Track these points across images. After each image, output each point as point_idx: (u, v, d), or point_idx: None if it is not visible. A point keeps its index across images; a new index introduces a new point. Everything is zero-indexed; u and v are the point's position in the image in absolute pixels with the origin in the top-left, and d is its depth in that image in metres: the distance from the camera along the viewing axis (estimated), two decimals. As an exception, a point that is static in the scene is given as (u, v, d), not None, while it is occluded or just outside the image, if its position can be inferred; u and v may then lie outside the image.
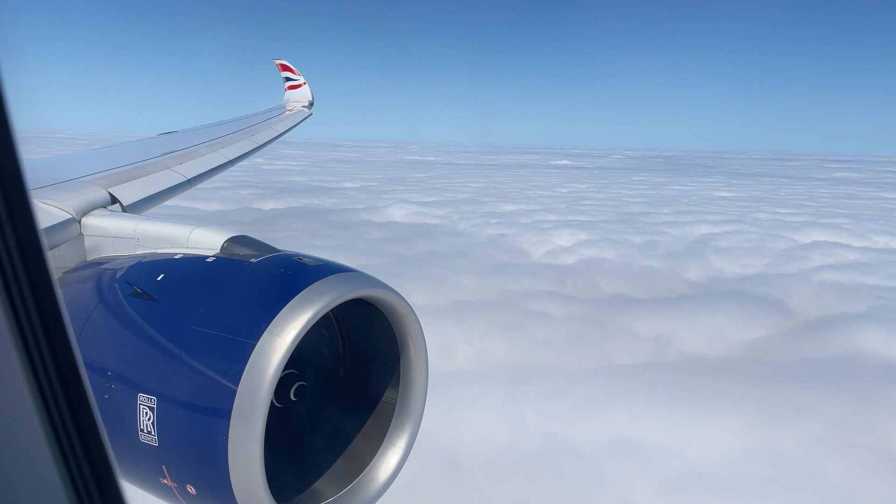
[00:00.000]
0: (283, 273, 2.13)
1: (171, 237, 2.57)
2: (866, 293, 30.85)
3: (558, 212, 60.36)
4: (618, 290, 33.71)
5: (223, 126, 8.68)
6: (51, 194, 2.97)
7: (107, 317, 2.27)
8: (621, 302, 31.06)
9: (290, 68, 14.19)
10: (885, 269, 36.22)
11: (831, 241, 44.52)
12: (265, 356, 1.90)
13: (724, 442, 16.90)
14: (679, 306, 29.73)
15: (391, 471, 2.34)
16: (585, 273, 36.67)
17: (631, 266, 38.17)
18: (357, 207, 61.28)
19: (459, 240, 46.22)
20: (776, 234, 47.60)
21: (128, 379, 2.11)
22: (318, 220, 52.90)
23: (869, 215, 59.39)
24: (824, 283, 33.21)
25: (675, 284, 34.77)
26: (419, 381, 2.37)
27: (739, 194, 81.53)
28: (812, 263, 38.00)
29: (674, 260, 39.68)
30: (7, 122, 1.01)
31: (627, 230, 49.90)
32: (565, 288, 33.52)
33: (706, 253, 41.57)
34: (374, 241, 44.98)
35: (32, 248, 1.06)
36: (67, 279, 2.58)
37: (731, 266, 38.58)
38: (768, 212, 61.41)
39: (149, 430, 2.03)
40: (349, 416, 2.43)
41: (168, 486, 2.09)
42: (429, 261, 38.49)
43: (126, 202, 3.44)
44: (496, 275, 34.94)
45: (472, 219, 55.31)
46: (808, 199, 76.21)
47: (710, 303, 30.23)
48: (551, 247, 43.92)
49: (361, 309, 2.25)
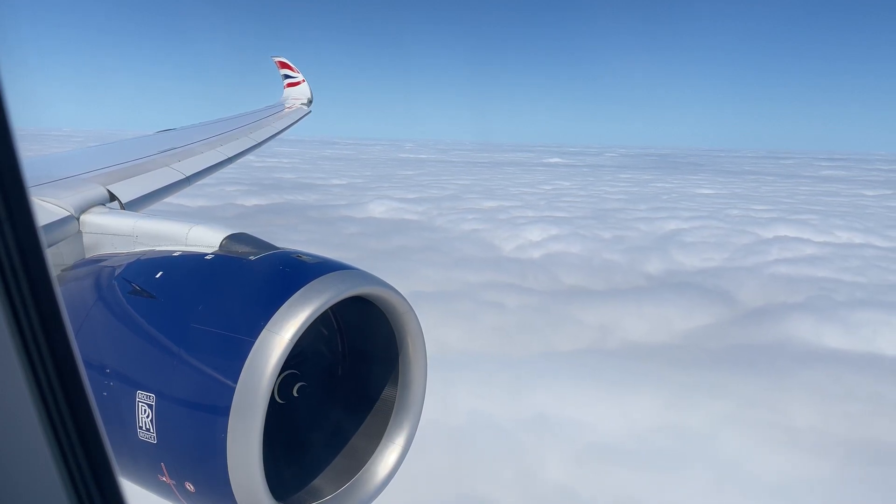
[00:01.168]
0: (282, 270, 2.15)
1: (170, 235, 2.57)
2: (810, 285, 32.12)
3: (536, 208, 61.59)
4: (576, 282, 34.96)
5: (222, 123, 8.70)
6: (49, 192, 2.98)
7: (105, 314, 2.28)
8: (576, 293, 32.33)
9: (288, 66, 14.20)
10: (837, 262, 37.49)
11: (794, 236, 45.74)
12: (264, 354, 1.91)
13: (637, 418, 18.16)
14: (630, 297, 30.99)
15: (390, 468, 2.36)
16: (548, 266, 37.94)
17: (593, 260, 39.44)
18: (339, 204, 62.53)
19: (434, 235, 47.46)
20: (742, 229, 48.83)
21: (126, 376, 2.12)
22: (299, 216, 54.12)
23: (841, 212, 60.61)
24: (774, 275, 34.47)
25: (632, 277, 36.02)
26: (418, 379, 2.40)
27: (721, 191, 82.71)
28: (769, 257, 39.24)
29: (636, 254, 40.93)
30: (6, 120, 1.01)
31: (599, 226, 51.11)
32: (525, 280, 34.78)
33: (670, 247, 42.81)
34: (349, 235, 46.27)
35: (31, 245, 1.06)
36: (66, 277, 2.59)
37: (691, 260, 39.82)
38: (742, 208, 62.63)
39: (147, 427, 2.04)
40: (348, 413, 2.44)
41: (167, 484, 2.10)
42: (399, 254, 39.74)
43: (125, 200, 3.46)
44: (460, 268, 36.19)
45: (450, 215, 56.55)
46: (787, 196, 77.47)
47: (661, 294, 31.51)
48: (521, 241, 45.16)
49: (360, 306, 2.26)
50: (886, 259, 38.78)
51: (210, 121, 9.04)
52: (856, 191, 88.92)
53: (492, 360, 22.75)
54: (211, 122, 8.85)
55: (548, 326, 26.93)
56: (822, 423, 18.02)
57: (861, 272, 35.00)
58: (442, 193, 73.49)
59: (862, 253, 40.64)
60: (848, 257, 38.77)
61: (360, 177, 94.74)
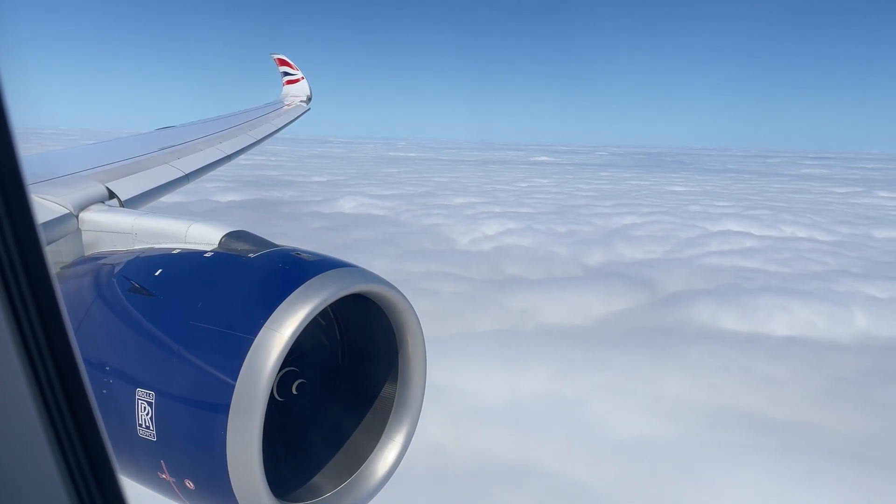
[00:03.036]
0: (282, 268, 2.16)
1: (169, 232, 2.57)
2: (730, 274, 34.05)
3: (504, 204, 63.47)
4: (515, 272, 36.87)
5: (221, 121, 8.71)
6: (48, 189, 2.99)
7: (105, 312, 2.29)
8: (510, 282, 34.26)
9: (288, 63, 14.21)
10: (768, 254, 39.41)
11: (738, 230, 47.65)
12: (263, 351, 1.93)
13: (520, 388, 20.09)
14: (559, 285, 32.91)
15: (389, 465, 2.37)
16: (494, 258, 39.86)
17: (538, 252, 41.36)
18: (313, 200, 64.46)
19: (394, 229, 49.38)
20: (693, 224, 50.73)
21: (126, 374, 2.13)
22: (270, 211, 56.03)
23: (799, 208, 62.44)
24: (702, 266, 36.39)
25: (569, 268, 37.94)
26: (417, 377, 2.41)
27: (693, 189, 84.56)
28: (706, 250, 41.15)
29: (582, 247, 42.84)
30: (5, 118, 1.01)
31: (558, 221, 53.02)
32: (468, 271, 36.69)
33: (616, 241, 44.71)
34: (313, 229, 48.18)
35: (30, 243, 1.06)
36: (65, 274, 2.60)
37: (633, 252, 41.72)
38: (704, 204, 64.49)
39: (147, 425, 2.05)
40: (347, 411, 2.45)
41: (166, 481, 2.11)
42: (354, 247, 41.65)
43: (124, 197, 3.47)
44: (408, 259, 38.15)
45: (417, 210, 58.47)
46: (755, 194, 79.22)
47: (589, 282, 33.44)
48: (476, 235, 47.09)
49: (360, 304, 2.27)
50: (818, 252, 40.70)
51: (209, 118, 9.08)
52: (827, 188, 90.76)
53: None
54: (210, 120, 8.84)
55: (473, 311, 28.83)
56: (686, 393, 19.93)
57: (786, 263, 36.92)
58: (417, 190, 75.36)
59: (797, 246, 42.55)
60: (781, 250, 40.69)
61: (343, 174, 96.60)
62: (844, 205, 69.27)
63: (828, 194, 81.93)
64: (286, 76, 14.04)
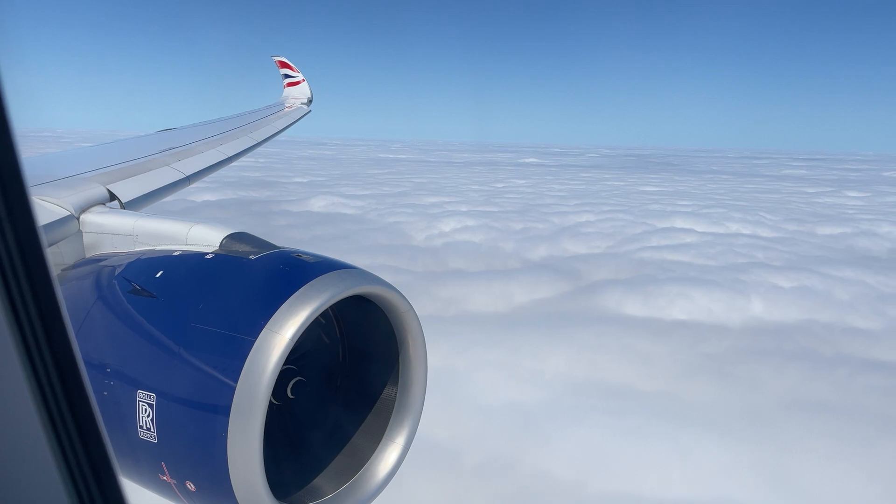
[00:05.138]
0: (282, 270, 2.18)
1: (170, 234, 2.59)
2: (653, 266, 36.16)
3: (472, 203, 65.54)
4: (457, 265, 39.00)
5: (222, 123, 8.72)
6: (50, 191, 3.01)
7: (106, 314, 2.31)
8: (447, 274, 36.39)
9: (288, 65, 14.32)
10: (701, 248, 41.47)
11: (683, 227, 49.75)
12: (264, 353, 1.94)
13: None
14: (492, 277, 35.05)
15: (390, 467, 2.39)
16: (441, 253, 42.02)
17: (485, 247, 43.50)
18: (287, 199, 66.66)
19: (355, 226, 51.53)
20: (644, 221, 52.81)
21: (127, 376, 2.14)
22: (241, 210, 58.22)
23: (757, 207, 64.44)
24: (632, 259, 38.50)
25: (510, 261, 40.06)
26: (418, 379, 2.43)
27: (665, 189, 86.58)
28: (644, 245, 43.25)
29: (529, 243, 44.97)
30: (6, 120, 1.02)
31: (517, 219, 55.12)
32: (413, 264, 38.84)
33: (565, 237, 46.83)
34: (276, 227, 50.38)
35: (31, 245, 1.06)
36: (66, 276, 2.61)
37: (576, 247, 43.83)
38: (666, 204, 66.54)
39: (148, 426, 2.07)
40: (348, 412, 2.47)
41: (167, 483, 2.13)
42: (310, 243, 43.19)
43: (125, 199, 3.48)
44: (358, 253, 40.27)
45: (385, 209, 60.65)
46: (724, 194, 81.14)
47: (521, 274, 35.56)
48: (433, 232, 49.22)
49: (360, 306, 2.30)
50: (751, 246, 42.77)
51: (211, 120, 9.09)
52: (799, 189, 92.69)
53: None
54: (211, 122, 8.87)
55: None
56: (564, 367, 22.07)
57: (713, 257, 39.00)
58: (393, 190, 77.49)
59: (734, 241, 44.62)
60: (715, 245, 42.74)
61: (326, 176, 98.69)
62: (806, 204, 71.30)
63: (796, 194, 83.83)
64: (287, 78, 14.24)
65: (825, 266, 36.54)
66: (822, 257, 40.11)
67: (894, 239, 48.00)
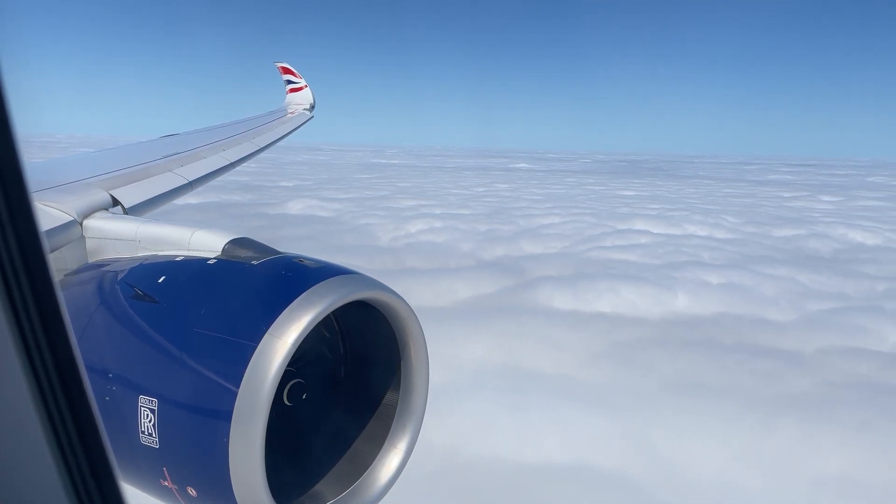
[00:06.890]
0: (285, 275, 2.21)
1: (173, 239, 2.61)
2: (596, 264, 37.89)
3: (447, 206, 67.23)
4: (413, 264, 40.74)
5: (225, 128, 8.82)
6: (52, 196, 3.03)
7: (108, 319, 2.32)
8: (401, 272, 38.12)
9: (291, 71, 14.37)
10: (650, 248, 43.14)
11: (640, 229, 51.47)
12: (266, 358, 1.96)
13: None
14: (442, 274, 36.77)
15: (392, 473, 2.41)
16: (401, 252, 43.80)
17: (444, 247, 45.29)
18: (268, 203, 68.41)
19: (326, 228, 53.27)
20: (605, 223, 54.57)
21: (129, 381, 2.16)
22: (219, 212, 59.90)
23: (722, 210, 66.12)
24: (580, 258, 40.19)
25: (465, 260, 41.78)
26: (420, 384, 2.49)
27: (641, 193, 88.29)
28: (598, 245, 44.96)
29: (489, 243, 46.68)
30: (8, 124, 1.02)
31: (485, 221, 56.84)
32: (371, 262, 40.50)
33: (524, 238, 48.55)
34: (249, 228, 49.48)
35: (33, 249, 1.07)
36: (68, 281, 2.63)
37: (533, 248, 45.56)
38: (636, 207, 68.16)
39: (149, 431, 2.08)
40: (350, 418, 2.50)
41: (169, 488, 2.15)
42: (276, 243, 44.82)
43: (128, 204, 3.53)
44: (318, 253, 41.28)
45: (360, 212, 62.41)
46: (698, 199, 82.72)
47: (471, 272, 37.28)
48: (399, 233, 50.98)
49: (362, 311, 2.33)
50: (700, 247, 44.45)
51: (213, 126, 9.15)
52: (776, 193, 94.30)
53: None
54: (214, 128, 8.95)
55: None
56: (482, 353, 23.76)
57: (658, 256, 40.68)
58: (374, 194, 79.17)
59: (685, 242, 46.33)
60: (665, 245, 44.46)
61: (312, 180, 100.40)
62: (774, 208, 72.97)
63: (770, 199, 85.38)
64: (289, 84, 14.26)
65: (763, 265, 38.23)
66: (765, 257, 41.77)
67: (844, 241, 49.71)
